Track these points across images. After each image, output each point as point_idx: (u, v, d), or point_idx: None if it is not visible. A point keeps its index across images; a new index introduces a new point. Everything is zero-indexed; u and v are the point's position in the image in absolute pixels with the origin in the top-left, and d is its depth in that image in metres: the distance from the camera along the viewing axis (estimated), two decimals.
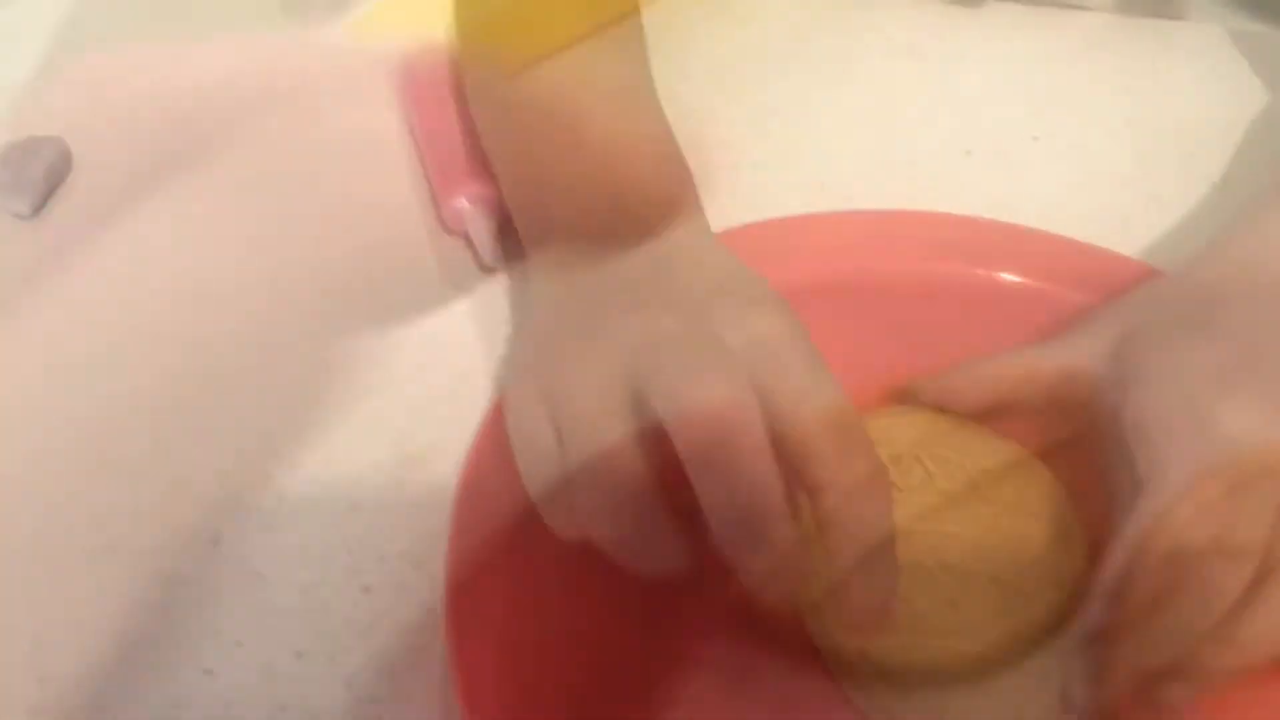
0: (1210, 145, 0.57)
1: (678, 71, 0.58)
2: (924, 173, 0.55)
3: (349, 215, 0.52)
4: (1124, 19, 0.66)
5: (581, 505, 0.34)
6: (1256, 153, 0.56)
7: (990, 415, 0.42)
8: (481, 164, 0.50)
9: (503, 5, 0.49)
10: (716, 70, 0.60)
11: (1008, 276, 0.48)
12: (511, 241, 0.49)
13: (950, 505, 0.39)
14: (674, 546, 0.34)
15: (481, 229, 0.49)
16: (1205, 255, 0.44)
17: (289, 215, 0.51)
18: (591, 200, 0.44)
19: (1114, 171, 0.56)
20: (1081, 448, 0.39)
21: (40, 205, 0.50)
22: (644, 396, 0.34)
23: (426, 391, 0.45)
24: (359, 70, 0.57)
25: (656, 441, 0.34)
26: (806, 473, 0.33)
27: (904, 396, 0.43)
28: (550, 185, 0.45)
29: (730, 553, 0.33)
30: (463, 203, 0.50)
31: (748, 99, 0.59)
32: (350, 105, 0.56)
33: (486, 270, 0.50)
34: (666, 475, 0.34)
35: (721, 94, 0.59)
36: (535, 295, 0.44)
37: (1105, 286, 0.45)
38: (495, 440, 0.39)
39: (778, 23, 0.64)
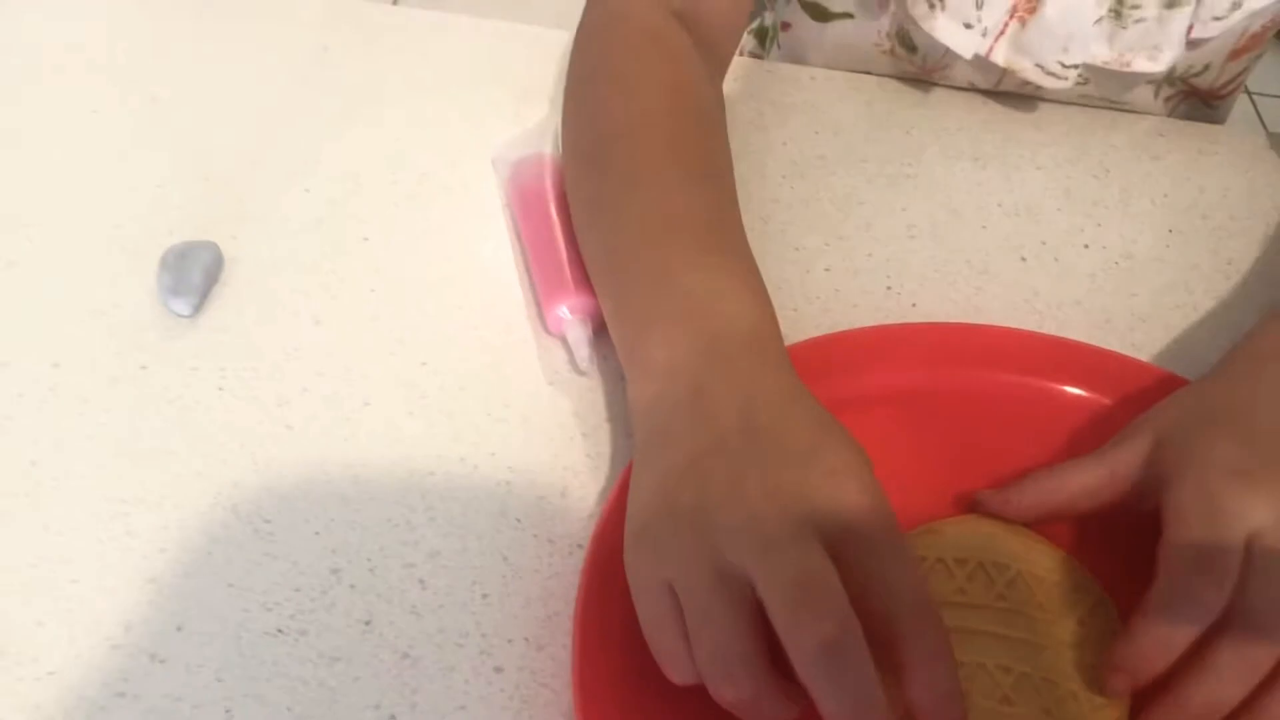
0: (1247, 249, 0.63)
1: (755, 171, 0.64)
2: (982, 276, 0.61)
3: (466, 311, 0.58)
4: (1172, 122, 0.71)
5: (706, 674, 0.40)
6: None
7: (1042, 521, 0.48)
8: (582, 273, 0.56)
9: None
10: (789, 172, 0.66)
11: (1057, 386, 0.54)
12: (605, 346, 0.55)
13: (1008, 610, 0.44)
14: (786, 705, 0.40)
15: (579, 337, 0.55)
16: (1226, 360, 0.51)
17: (418, 307, 0.58)
18: (685, 338, 0.48)
19: (1158, 279, 0.61)
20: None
21: (199, 305, 0.56)
22: (756, 593, 0.40)
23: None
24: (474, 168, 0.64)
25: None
26: (896, 652, 0.39)
27: (970, 505, 0.49)
28: (644, 321, 0.50)
29: None
30: (564, 311, 0.56)
31: (817, 200, 0.65)
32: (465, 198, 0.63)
33: (580, 373, 0.55)
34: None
35: (794, 192, 0.65)
36: (638, 433, 0.48)
37: (1141, 395, 0.53)
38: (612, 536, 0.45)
39: (848, 126, 0.70)
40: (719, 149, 0.57)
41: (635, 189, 0.54)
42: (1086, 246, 0.63)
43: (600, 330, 0.55)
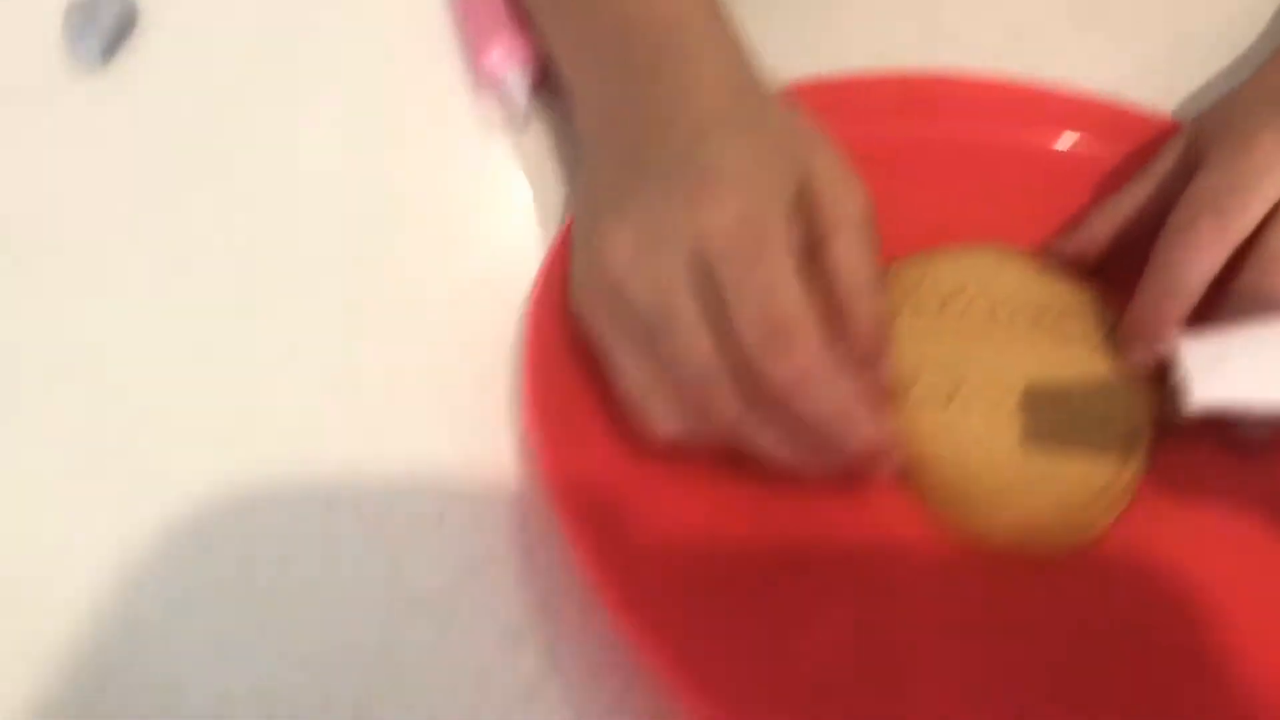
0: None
1: None
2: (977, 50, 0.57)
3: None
4: None
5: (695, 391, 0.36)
6: None
7: (1108, 256, 0.44)
8: (517, 19, 0.51)
9: None
10: None
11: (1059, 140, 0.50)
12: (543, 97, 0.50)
13: (1011, 333, 0.41)
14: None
15: (515, 81, 0.50)
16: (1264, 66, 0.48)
17: (333, 71, 0.53)
18: (629, 39, 0.43)
19: (1160, 62, 0.57)
20: None
21: (109, 53, 0.51)
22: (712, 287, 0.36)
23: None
24: None
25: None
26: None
27: (1044, 255, 0.45)
28: (589, 36, 0.45)
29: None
30: (497, 55, 0.51)
31: None
32: None
33: (519, 123, 0.51)
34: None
35: None
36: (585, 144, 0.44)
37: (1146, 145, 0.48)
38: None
39: None
40: None
41: None
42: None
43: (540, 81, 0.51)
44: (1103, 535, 0.37)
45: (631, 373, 0.37)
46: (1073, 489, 0.37)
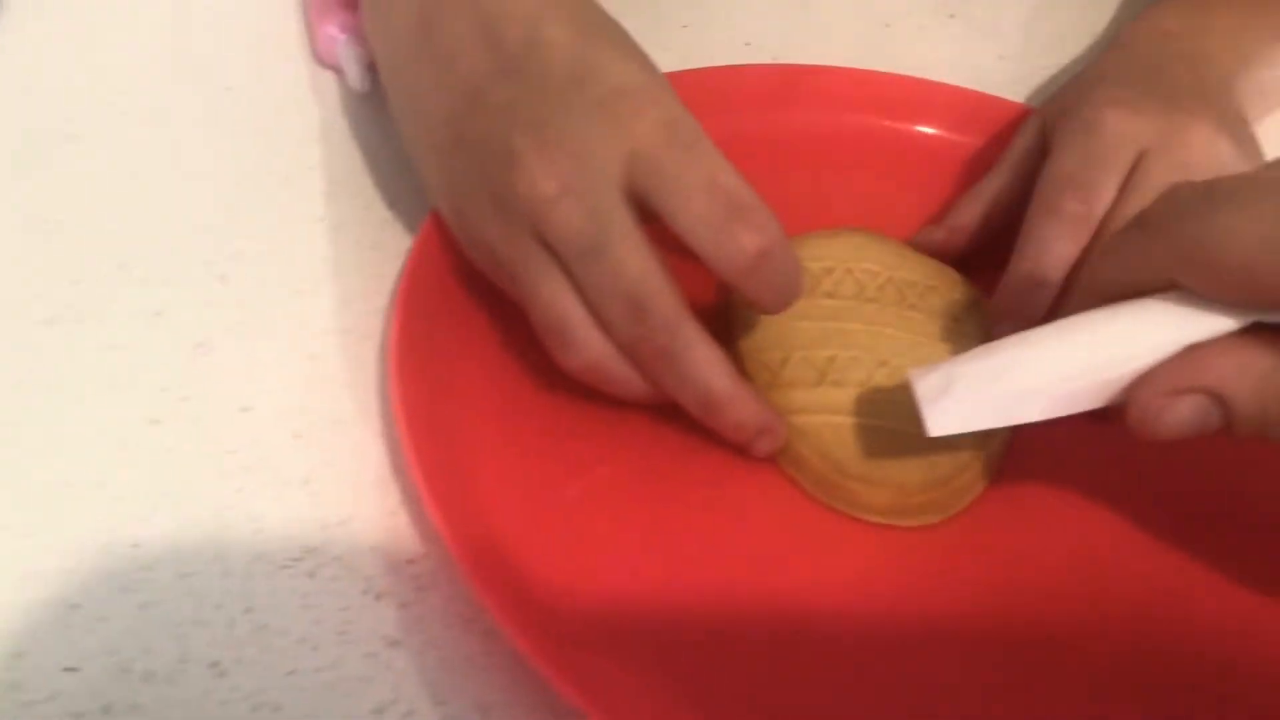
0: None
1: None
2: (845, 41, 0.58)
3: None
4: None
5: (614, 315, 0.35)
6: None
7: (980, 243, 0.45)
8: None
9: None
10: None
11: (920, 128, 0.52)
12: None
13: (879, 310, 0.41)
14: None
15: (350, 56, 0.49)
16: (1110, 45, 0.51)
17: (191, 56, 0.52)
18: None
19: (1017, 50, 0.59)
20: None
21: None
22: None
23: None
24: None
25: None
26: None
27: (913, 245, 0.46)
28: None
29: None
30: (333, 30, 0.50)
31: None
32: None
33: (359, 91, 0.50)
34: None
35: None
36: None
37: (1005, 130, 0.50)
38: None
39: None
40: None
41: None
42: (952, 16, 0.60)
43: None
44: (974, 504, 0.38)
45: (553, 301, 0.36)
46: (941, 462, 0.37)
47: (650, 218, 0.35)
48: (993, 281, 0.43)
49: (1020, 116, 0.50)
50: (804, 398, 0.38)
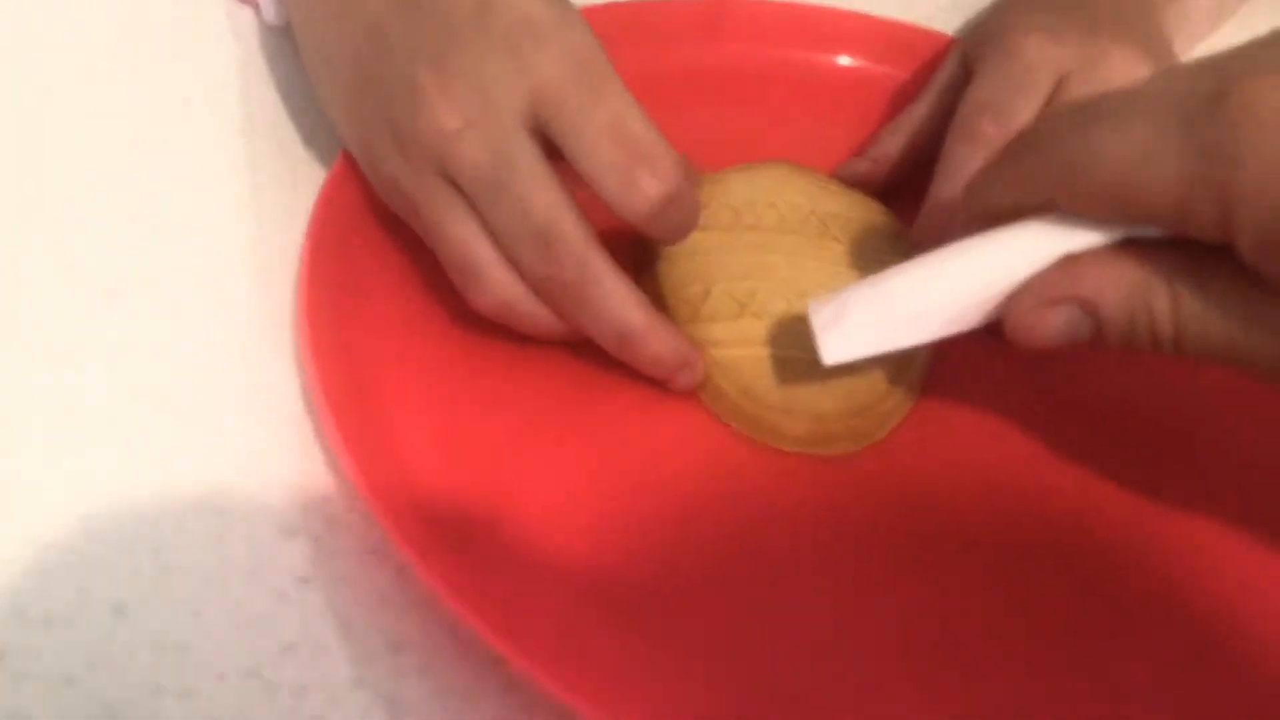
0: None
1: None
2: None
3: None
4: None
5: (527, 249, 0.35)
6: None
7: (903, 172, 0.45)
8: None
9: None
10: None
11: (844, 60, 0.52)
12: None
13: (801, 241, 0.41)
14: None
15: None
16: None
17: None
18: None
19: None
20: None
21: None
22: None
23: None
24: None
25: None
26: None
27: (837, 176, 0.45)
28: None
29: None
30: None
31: None
32: None
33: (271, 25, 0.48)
34: None
35: None
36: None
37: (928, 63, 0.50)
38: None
39: None
40: None
41: None
42: None
43: None
44: (896, 429, 0.38)
45: (460, 239, 0.35)
46: (860, 390, 0.37)
47: (556, 154, 0.35)
48: (916, 213, 0.43)
49: (947, 47, 0.50)
50: (723, 331, 0.38)
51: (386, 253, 0.39)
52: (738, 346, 0.38)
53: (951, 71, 0.46)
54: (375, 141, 0.37)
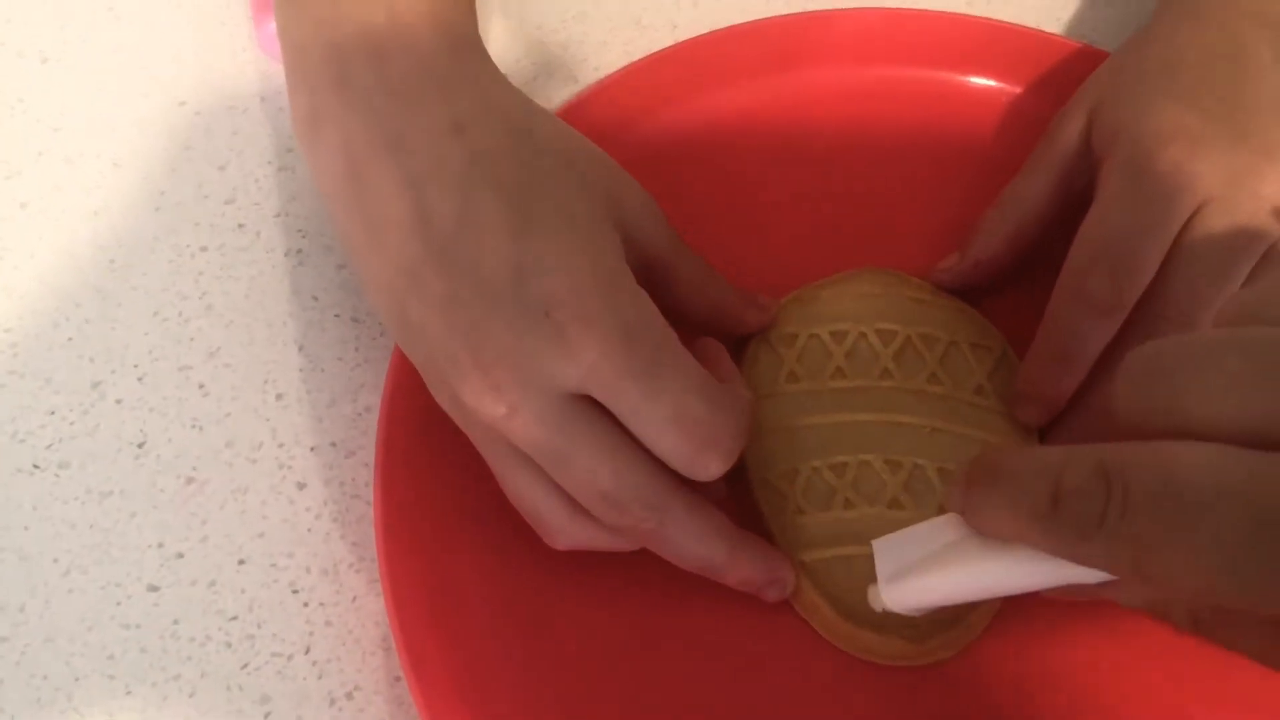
0: None
1: None
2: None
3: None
4: None
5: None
6: None
7: (1010, 268, 0.41)
8: None
9: None
10: None
11: (953, 77, 0.46)
12: None
13: (895, 390, 0.39)
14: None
15: None
16: (1160, 10, 0.42)
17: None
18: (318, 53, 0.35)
19: None
20: None
21: None
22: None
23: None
24: None
25: None
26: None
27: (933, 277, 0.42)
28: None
29: None
30: (274, 26, 0.44)
31: None
32: None
33: None
34: None
35: None
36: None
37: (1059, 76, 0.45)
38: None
39: None
40: None
41: None
42: None
43: None
44: (985, 634, 0.37)
45: (526, 493, 0.34)
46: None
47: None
48: (1017, 304, 0.40)
49: (1077, 58, 0.44)
50: (814, 529, 0.36)
51: (457, 462, 0.37)
52: (828, 547, 0.36)
53: (1070, 145, 0.40)
54: (427, 376, 0.35)
